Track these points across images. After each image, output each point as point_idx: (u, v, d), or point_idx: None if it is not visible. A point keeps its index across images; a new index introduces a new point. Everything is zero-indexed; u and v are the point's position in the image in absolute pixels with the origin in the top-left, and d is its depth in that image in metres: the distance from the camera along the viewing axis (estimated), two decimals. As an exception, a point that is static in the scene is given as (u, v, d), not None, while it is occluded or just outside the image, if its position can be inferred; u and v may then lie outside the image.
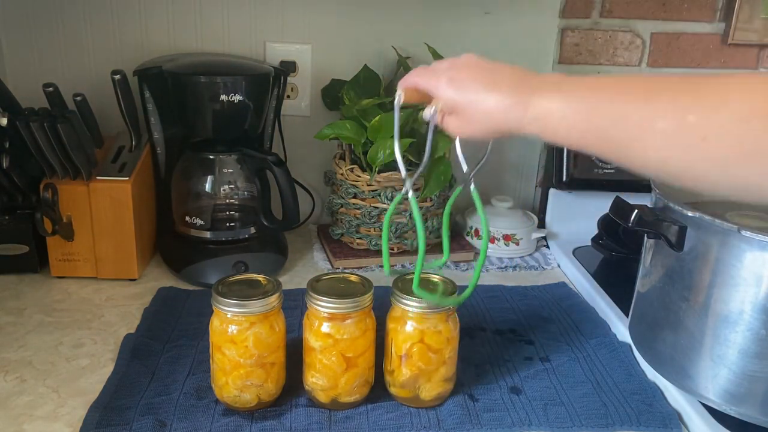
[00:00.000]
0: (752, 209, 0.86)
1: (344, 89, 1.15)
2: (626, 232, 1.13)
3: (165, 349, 0.86)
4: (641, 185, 0.91)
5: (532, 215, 1.25)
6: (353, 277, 0.78)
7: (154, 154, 1.10)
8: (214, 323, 0.74)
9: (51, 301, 0.97)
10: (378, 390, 0.79)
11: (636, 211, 0.76)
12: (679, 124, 0.50)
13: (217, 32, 1.18)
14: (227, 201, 1.11)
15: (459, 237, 1.22)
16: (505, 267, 1.16)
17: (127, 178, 1.00)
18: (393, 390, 0.78)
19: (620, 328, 0.94)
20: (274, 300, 0.73)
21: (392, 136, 1.04)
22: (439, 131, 1.12)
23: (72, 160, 0.96)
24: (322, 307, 0.73)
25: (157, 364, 0.83)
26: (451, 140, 0.68)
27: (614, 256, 1.14)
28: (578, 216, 1.22)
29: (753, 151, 0.48)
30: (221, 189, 1.10)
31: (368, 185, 1.10)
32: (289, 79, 1.19)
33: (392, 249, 1.14)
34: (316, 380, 0.76)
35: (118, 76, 0.99)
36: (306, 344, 0.76)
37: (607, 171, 1.21)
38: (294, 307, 0.94)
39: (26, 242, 1.02)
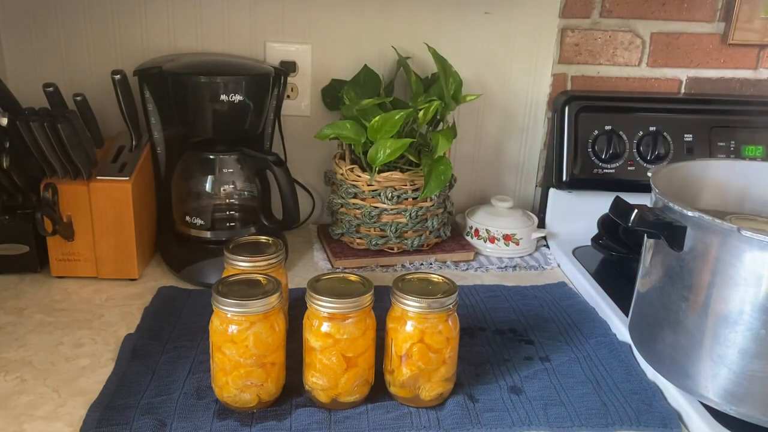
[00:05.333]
0: (752, 212, 0.87)
1: (344, 89, 1.16)
2: (626, 232, 1.14)
3: (165, 349, 0.86)
4: (641, 185, 0.91)
5: (532, 215, 1.25)
6: (353, 277, 0.78)
7: (154, 154, 1.11)
8: (214, 323, 0.74)
9: (51, 301, 0.97)
10: (378, 390, 0.79)
11: (636, 211, 0.76)
12: None
13: (217, 32, 1.18)
14: (227, 201, 1.11)
15: (459, 237, 1.22)
16: (505, 267, 1.16)
17: (127, 178, 1.00)
18: (393, 390, 0.78)
19: (620, 328, 0.94)
20: (274, 300, 0.73)
21: (392, 136, 1.05)
22: (439, 132, 1.12)
23: (72, 160, 0.96)
24: (322, 307, 0.73)
25: (157, 364, 0.83)
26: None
27: (614, 256, 1.14)
28: (578, 216, 1.22)
29: None
30: (221, 189, 1.10)
31: (368, 185, 1.10)
32: (289, 79, 1.19)
33: (392, 249, 1.14)
34: (316, 380, 0.76)
35: (118, 76, 0.99)
36: (306, 344, 0.76)
37: (607, 171, 1.21)
38: (294, 307, 0.94)
39: (26, 242, 1.02)
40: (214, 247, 1.06)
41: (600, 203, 1.04)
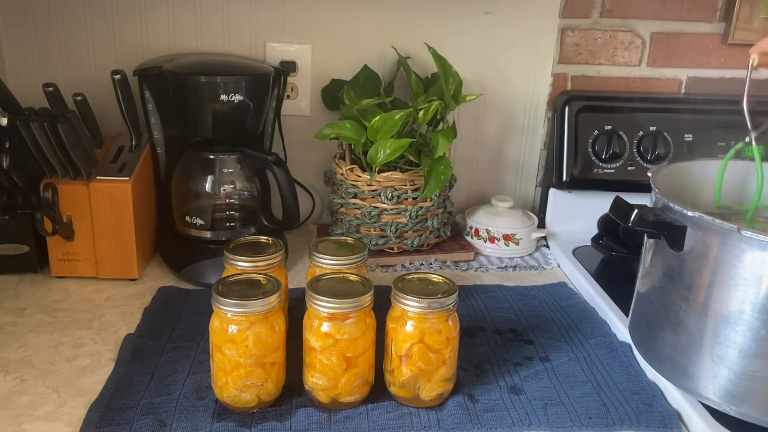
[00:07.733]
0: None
1: (344, 89, 1.16)
2: (626, 232, 1.14)
3: (165, 349, 0.86)
4: (641, 185, 0.91)
5: (532, 215, 1.25)
6: (353, 277, 0.78)
7: (154, 154, 1.11)
8: (214, 323, 0.74)
9: (51, 301, 0.97)
10: (378, 390, 0.79)
11: (636, 211, 0.76)
12: None
13: (217, 32, 1.18)
14: (227, 201, 1.11)
15: (459, 237, 1.22)
16: (505, 267, 1.16)
17: (127, 178, 1.00)
18: (393, 390, 0.78)
19: (620, 328, 0.94)
20: (274, 300, 0.73)
21: (392, 136, 1.05)
22: (439, 132, 1.12)
23: (72, 160, 0.96)
24: (322, 307, 0.73)
25: (157, 364, 0.83)
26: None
27: (614, 256, 1.14)
28: (578, 216, 1.22)
29: None
30: (221, 189, 1.10)
31: (368, 185, 1.10)
32: (289, 79, 1.19)
33: (392, 249, 1.14)
34: (316, 380, 0.76)
35: (118, 76, 0.99)
36: (306, 344, 0.76)
37: (607, 171, 1.21)
38: (294, 307, 0.94)
39: (26, 242, 1.02)
40: (214, 247, 1.06)
41: (600, 203, 1.04)
